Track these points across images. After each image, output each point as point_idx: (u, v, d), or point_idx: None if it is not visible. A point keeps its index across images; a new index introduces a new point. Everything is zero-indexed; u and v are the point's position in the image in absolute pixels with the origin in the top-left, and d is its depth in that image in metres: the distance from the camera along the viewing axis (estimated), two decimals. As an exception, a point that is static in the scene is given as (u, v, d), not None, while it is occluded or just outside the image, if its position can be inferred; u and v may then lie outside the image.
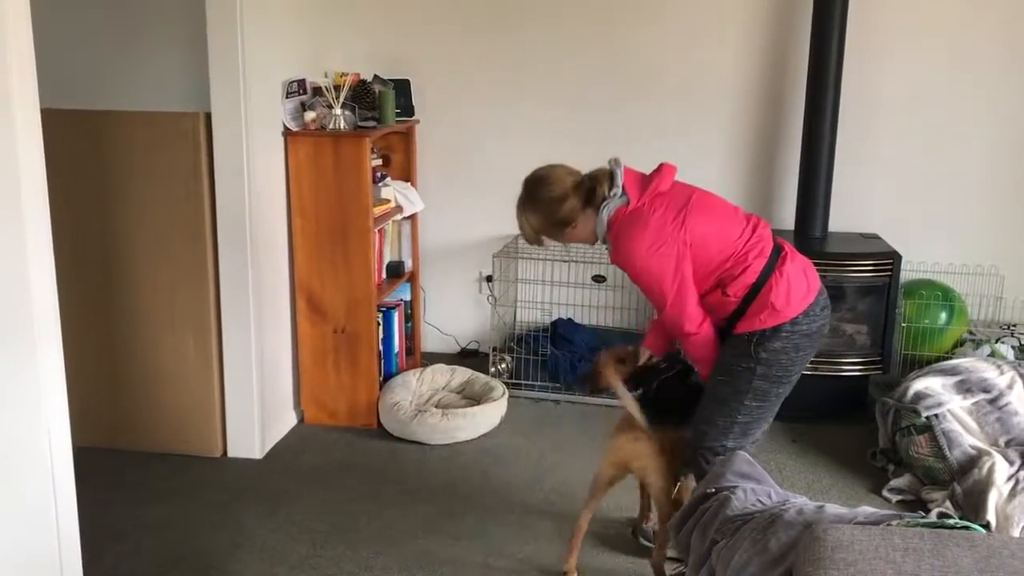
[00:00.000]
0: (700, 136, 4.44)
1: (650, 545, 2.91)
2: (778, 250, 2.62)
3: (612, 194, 2.60)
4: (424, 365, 4.32)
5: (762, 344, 2.55)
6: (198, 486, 3.40)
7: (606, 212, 2.61)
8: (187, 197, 3.43)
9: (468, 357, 4.73)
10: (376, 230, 3.89)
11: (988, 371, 3.52)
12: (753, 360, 2.56)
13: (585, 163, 4.76)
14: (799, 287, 2.58)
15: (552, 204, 2.65)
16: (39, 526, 2.26)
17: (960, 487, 3.17)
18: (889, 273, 3.92)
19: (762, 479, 2.33)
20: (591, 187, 2.64)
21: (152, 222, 3.47)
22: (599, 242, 2.71)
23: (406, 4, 4.54)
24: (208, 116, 3.37)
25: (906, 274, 4.21)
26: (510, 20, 4.49)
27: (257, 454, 3.63)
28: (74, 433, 2.33)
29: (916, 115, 4.30)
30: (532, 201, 2.69)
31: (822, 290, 2.66)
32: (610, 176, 2.64)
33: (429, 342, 4.81)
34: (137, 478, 3.45)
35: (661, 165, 2.67)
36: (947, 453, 3.27)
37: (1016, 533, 2.97)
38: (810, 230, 4.16)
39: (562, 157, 4.51)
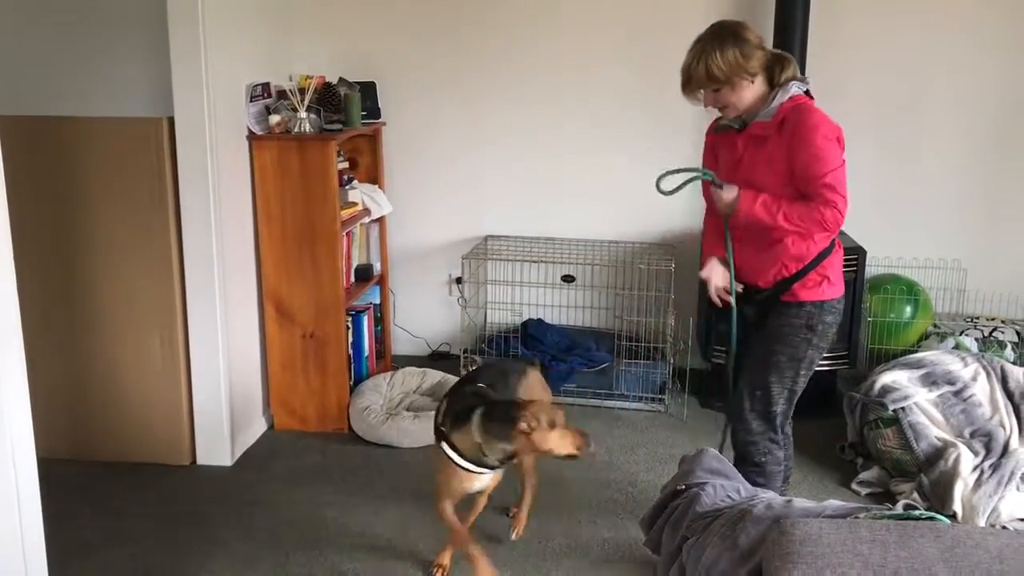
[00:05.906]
0: (671, 134, 4.45)
1: None
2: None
3: (797, 78, 2.59)
4: (394, 368, 4.31)
5: (819, 316, 2.66)
6: (167, 496, 3.37)
7: (783, 92, 2.57)
8: (151, 203, 3.39)
9: (439, 360, 4.72)
10: (344, 233, 3.88)
11: (953, 364, 3.57)
12: (809, 331, 2.67)
13: (555, 162, 4.72)
14: (841, 268, 2.73)
15: (750, 47, 2.56)
16: (3, 541, 2.22)
17: (927, 479, 3.22)
18: (855, 268, 3.95)
19: (731, 475, 2.35)
20: (774, 64, 2.61)
21: (116, 228, 3.43)
22: (740, 117, 2.64)
23: (371, 6, 4.53)
24: (171, 121, 3.34)
25: (871, 269, 4.27)
26: (476, 22, 4.49)
27: (227, 461, 3.60)
28: (38, 443, 2.29)
29: (880, 111, 4.35)
30: (733, 39, 2.55)
31: None
32: (795, 63, 2.62)
33: (399, 345, 4.80)
34: (104, 489, 3.40)
35: None
36: (914, 445, 3.32)
37: (981, 523, 3.01)
38: (776, 227, 4.19)
39: (530, 158, 4.56)
